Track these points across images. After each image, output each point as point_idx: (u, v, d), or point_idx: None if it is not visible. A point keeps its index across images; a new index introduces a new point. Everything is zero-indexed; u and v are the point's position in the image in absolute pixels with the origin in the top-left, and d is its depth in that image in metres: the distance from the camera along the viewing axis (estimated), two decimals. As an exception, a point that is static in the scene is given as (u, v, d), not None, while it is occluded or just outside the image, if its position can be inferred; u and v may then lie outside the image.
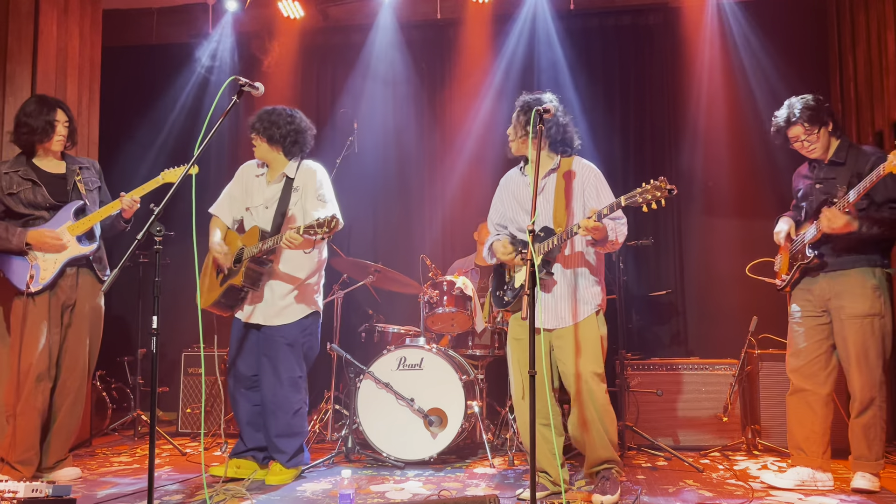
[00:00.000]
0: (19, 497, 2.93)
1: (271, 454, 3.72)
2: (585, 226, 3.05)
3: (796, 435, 3.58)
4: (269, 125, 3.75)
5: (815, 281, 3.55)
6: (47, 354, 3.65)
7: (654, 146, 5.85)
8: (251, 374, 3.77)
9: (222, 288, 3.72)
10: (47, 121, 3.72)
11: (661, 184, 2.90)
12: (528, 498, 2.93)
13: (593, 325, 3.33)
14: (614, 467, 3.31)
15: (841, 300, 3.44)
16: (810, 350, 3.55)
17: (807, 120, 3.48)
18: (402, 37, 6.04)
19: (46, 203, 3.73)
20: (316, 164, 3.90)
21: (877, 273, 3.43)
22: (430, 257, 4.75)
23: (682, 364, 4.62)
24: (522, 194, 3.47)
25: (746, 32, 5.55)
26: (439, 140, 6.18)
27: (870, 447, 3.39)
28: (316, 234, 3.38)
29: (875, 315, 3.40)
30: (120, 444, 4.84)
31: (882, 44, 4.67)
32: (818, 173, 3.58)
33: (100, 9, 5.01)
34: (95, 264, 3.83)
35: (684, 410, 4.54)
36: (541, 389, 3.32)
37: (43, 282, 3.64)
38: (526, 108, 3.38)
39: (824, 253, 3.47)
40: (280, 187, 3.79)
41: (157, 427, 3.00)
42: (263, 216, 3.80)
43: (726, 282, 5.54)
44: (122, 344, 5.75)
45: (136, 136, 6.19)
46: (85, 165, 3.94)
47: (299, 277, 3.77)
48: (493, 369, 5.00)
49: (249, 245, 3.67)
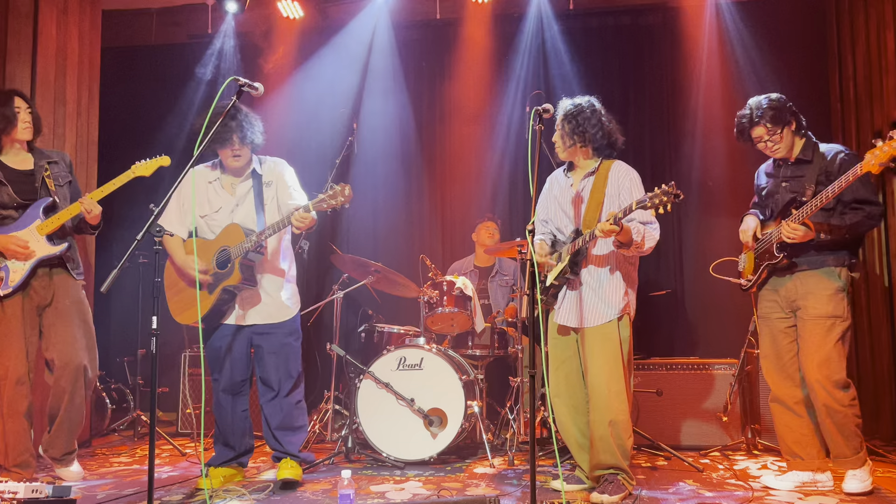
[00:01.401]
0: (19, 497, 2.93)
1: (278, 450, 3.68)
2: (601, 229, 3.13)
3: (787, 440, 3.54)
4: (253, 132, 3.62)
5: (782, 281, 3.51)
6: (24, 357, 3.58)
7: (653, 146, 5.85)
8: (241, 379, 3.69)
9: (214, 295, 3.54)
10: (7, 111, 3.61)
11: (671, 189, 2.95)
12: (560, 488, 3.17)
13: (613, 329, 3.34)
14: (621, 474, 3.30)
15: (805, 301, 3.41)
16: (783, 352, 3.53)
17: (769, 120, 3.45)
18: (401, 36, 6.05)
19: (13, 203, 3.62)
20: (278, 159, 3.84)
21: (842, 274, 3.39)
22: (430, 258, 4.75)
23: (682, 364, 4.62)
24: (563, 196, 3.55)
25: (745, 32, 5.55)
26: (438, 140, 6.18)
27: (847, 443, 3.33)
28: (328, 204, 3.26)
29: (837, 317, 3.35)
30: (120, 445, 4.84)
31: (881, 43, 4.67)
32: (784, 171, 3.55)
33: (99, 9, 5.01)
34: (68, 263, 3.71)
35: (684, 410, 4.54)
36: (577, 385, 3.47)
37: (13, 284, 3.55)
38: (571, 116, 3.43)
39: (792, 253, 3.41)
40: (250, 184, 3.70)
41: (156, 427, 3.00)
42: (235, 216, 3.64)
43: (726, 282, 5.52)
44: (121, 344, 5.75)
45: (135, 136, 6.18)
46: (54, 159, 3.79)
47: (285, 270, 3.74)
48: (493, 369, 5.00)
49: (234, 244, 3.53)
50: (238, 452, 3.72)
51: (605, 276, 3.40)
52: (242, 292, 3.63)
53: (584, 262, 3.43)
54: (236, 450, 3.71)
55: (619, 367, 3.31)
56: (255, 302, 3.66)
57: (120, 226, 5.19)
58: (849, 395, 3.35)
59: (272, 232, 3.47)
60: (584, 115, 3.41)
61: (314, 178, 4.19)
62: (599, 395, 3.29)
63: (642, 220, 3.29)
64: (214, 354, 3.68)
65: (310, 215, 3.36)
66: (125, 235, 5.63)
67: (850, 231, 3.34)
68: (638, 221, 3.28)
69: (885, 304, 4.72)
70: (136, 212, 5.08)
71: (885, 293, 4.73)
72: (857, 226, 3.34)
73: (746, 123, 3.55)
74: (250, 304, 3.66)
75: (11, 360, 3.55)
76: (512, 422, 4.38)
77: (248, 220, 3.64)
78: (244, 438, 3.73)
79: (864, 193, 3.33)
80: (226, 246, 3.57)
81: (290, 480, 3.55)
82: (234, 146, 3.59)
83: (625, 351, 3.35)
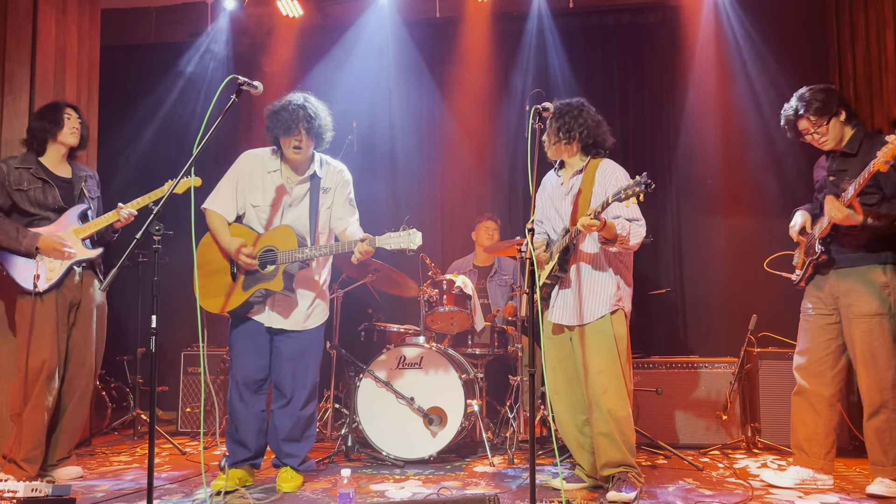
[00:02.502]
0: (19, 497, 2.93)
1: (281, 459, 3.61)
2: (582, 223, 3.13)
3: (798, 434, 3.53)
4: (320, 126, 3.50)
5: (825, 278, 3.47)
6: (57, 353, 3.66)
7: (653, 144, 5.85)
8: (262, 377, 3.59)
9: (249, 292, 3.45)
10: (57, 113, 3.78)
11: (642, 179, 2.93)
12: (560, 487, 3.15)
13: (607, 324, 3.34)
14: (631, 471, 3.29)
15: (849, 298, 3.36)
16: (817, 349, 3.48)
17: (813, 113, 3.38)
18: (401, 35, 6.04)
19: (55, 205, 3.75)
20: (341, 164, 3.72)
21: (887, 271, 3.32)
22: (429, 257, 4.75)
23: (682, 362, 4.62)
24: (555, 194, 3.57)
25: (745, 31, 5.55)
26: (438, 139, 6.18)
27: (885, 452, 3.28)
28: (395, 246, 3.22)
29: (884, 314, 3.29)
30: (119, 444, 4.84)
31: (881, 42, 4.66)
32: (832, 164, 3.48)
33: (98, 8, 5.00)
34: (97, 269, 3.88)
35: (684, 409, 4.54)
36: (575, 384, 3.47)
37: (49, 281, 3.64)
38: (559, 115, 3.45)
39: (833, 249, 3.38)
40: (307, 187, 3.57)
41: (156, 426, 3.00)
42: (287, 216, 3.56)
43: (726, 280, 5.55)
44: (121, 343, 5.74)
45: (134, 135, 6.18)
46: (89, 174, 3.99)
47: (319, 281, 3.67)
48: (493, 368, 5.00)
49: (284, 248, 3.40)
50: (254, 453, 3.60)
51: (595, 273, 3.40)
52: (277, 295, 3.52)
53: (573, 259, 3.43)
54: (251, 449, 3.59)
55: (616, 364, 3.30)
56: (287, 307, 3.56)
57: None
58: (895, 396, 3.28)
59: (328, 253, 3.40)
60: (572, 115, 3.44)
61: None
62: (598, 393, 3.29)
63: (628, 217, 3.29)
64: (237, 348, 3.61)
65: (373, 250, 3.29)
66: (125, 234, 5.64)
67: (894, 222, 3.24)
68: (624, 218, 3.27)
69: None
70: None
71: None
72: None
73: (792, 117, 3.47)
74: (282, 309, 3.56)
75: (45, 356, 3.62)
76: (511, 420, 4.38)
77: (299, 224, 3.53)
78: (259, 438, 3.62)
79: None
80: (273, 247, 3.43)
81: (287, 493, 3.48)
82: (298, 135, 3.44)
83: (621, 347, 3.34)
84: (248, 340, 3.57)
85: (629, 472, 3.28)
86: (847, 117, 3.41)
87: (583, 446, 3.48)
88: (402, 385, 4.15)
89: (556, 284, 3.49)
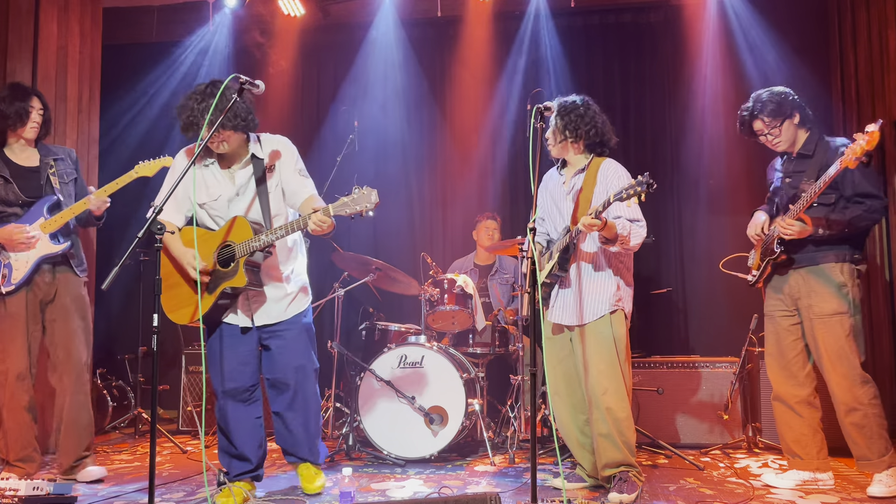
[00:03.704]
0: (20, 495, 2.94)
1: (301, 457, 3.44)
2: (583, 223, 3.12)
3: (787, 439, 3.53)
4: (235, 115, 3.15)
5: (784, 279, 3.48)
6: (26, 353, 3.60)
7: (654, 143, 5.85)
8: (251, 384, 3.35)
9: (213, 295, 3.21)
10: (21, 107, 3.63)
11: (644, 179, 2.92)
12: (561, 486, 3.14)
13: (606, 325, 3.34)
14: (631, 471, 3.29)
15: (809, 299, 3.37)
16: (785, 351, 3.50)
17: (767, 114, 3.41)
18: (402, 34, 6.04)
19: (18, 200, 3.63)
20: (280, 136, 3.44)
21: (845, 269, 3.33)
22: (431, 256, 4.75)
23: (683, 362, 4.62)
24: (556, 193, 3.56)
25: (747, 30, 5.54)
26: (439, 138, 6.18)
27: (869, 447, 3.29)
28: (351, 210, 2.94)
29: (844, 313, 3.30)
30: (121, 443, 4.84)
31: (883, 42, 4.66)
32: (787, 166, 3.51)
33: (100, 6, 5.00)
34: (71, 260, 3.71)
35: (685, 408, 4.54)
36: (575, 384, 3.47)
37: (15, 281, 3.57)
38: (564, 112, 3.43)
39: (791, 248, 3.38)
40: (250, 171, 3.31)
41: (157, 425, 3.00)
42: (235, 207, 3.30)
43: (727, 280, 5.51)
44: (122, 342, 5.76)
45: (136, 134, 6.19)
46: (60, 156, 3.79)
47: (294, 265, 3.45)
48: (494, 367, 5.01)
49: (240, 240, 3.17)
50: (255, 464, 3.38)
51: (595, 273, 3.39)
52: (248, 292, 3.30)
53: (573, 258, 3.42)
54: (253, 462, 3.36)
55: (616, 364, 3.30)
56: (261, 301, 3.33)
57: (120, 224, 5.20)
58: (868, 392, 3.29)
59: (285, 233, 3.11)
60: (577, 112, 3.42)
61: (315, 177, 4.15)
62: (597, 393, 3.29)
63: (630, 218, 3.29)
64: (214, 357, 3.33)
65: (329, 220, 3.02)
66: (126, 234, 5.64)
67: (850, 226, 3.28)
68: (625, 219, 3.27)
69: (886, 301, 4.72)
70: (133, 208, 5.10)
71: (887, 288, 4.73)
72: (857, 220, 3.28)
73: (747, 116, 3.52)
74: (257, 304, 3.33)
75: (13, 357, 3.57)
76: (513, 420, 4.38)
77: (251, 211, 3.29)
78: (260, 448, 3.40)
79: (866, 187, 3.28)
80: (230, 241, 3.21)
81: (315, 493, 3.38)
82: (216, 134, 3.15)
83: (620, 347, 3.34)
84: (228, 346, 3.32)
85: (630, 471, 3.28)
86: (801, 120, 3.45)
87: (583, 446, 3.49)
88: (403, 384, 4.15)
89: (555, 284, 3.48)
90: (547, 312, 3.53)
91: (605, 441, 3.28)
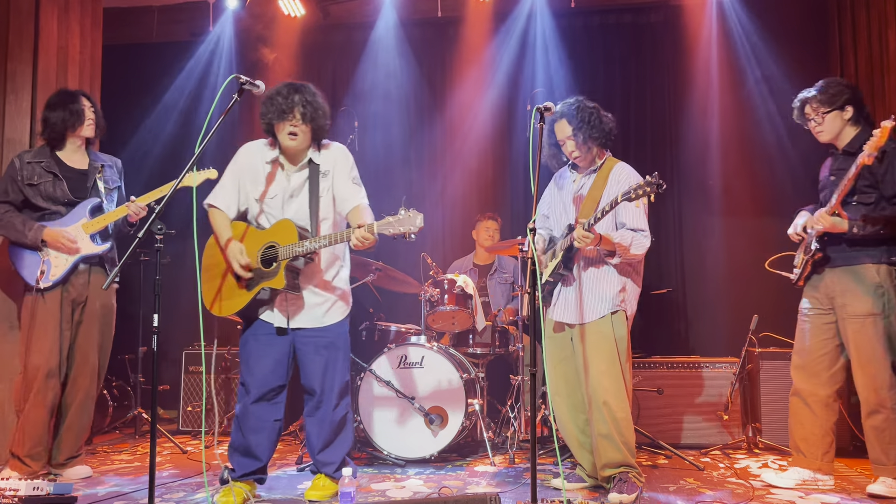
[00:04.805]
0: (20, 495, 2.94)
1: (318, 468, 3.40)
2: (576, 235, 3.14)
3: (795, 435, 3.54)
4: (316, 110, 3.24)
5: (821, 277, 3.46)
6: (58, 351, 3.64)
7: (654, 144, 5.85)
8: (278, 383, 3.31)
9: (252, 292, 3.23)
10: (77, 108, 3.75)
11: (653, 179, 2.93)
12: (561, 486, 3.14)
13: (607, 325, 3.34)
14: (631, 472, 3.29)
15: (844, 298, 3.36)
16: (814, 349, 3.48)
17: (817, 100, 3.39)
18: (402, 35, 6.04)
19: (65, 198, 3.72)
20: (339, 144, 3.50)
21: (881, 270, 3.31)
22: (431, 256, 4.75)
23: (683, 362, 4.62)
24: (566, 192, 3.57)
25: (747, 30, 5.55)
26: (440, 138, 6.18)
27: (885, 452, 3.27)
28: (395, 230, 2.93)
29: (877, 315, 3.29)
30: (121, 442, 4.84)
31: (883, 42, 4.66)
32: (834, 164, 3.48)
33: (100, 6, 5.00)
34: (107, 264, 3.81)
35: (685, 409, 4.54)
36: (576, 384, 3.46)
37: (53, 278, 3.63)
38: (576, 112, 3.40)
39: (829, 247, 3.38)
40: (306, 175, 3.34)
41: (157, 425, 3.00)
42: (288, 208, 3.33)
43: (727, 280, 5.55)
44: (122, 342, 5.74)
45: (137, 135, 6.18)
46: (108, 163, 3.92)
47: (336, 273, 3.44)
48: (494, 367, 5.00)
49: (285, 243, 3.17)
50: (264, 465, 3.35)
51: (598, 272, 3.39)
52: (287, 294, 3.30)
53: (577, 257, 3.42)
54: (263, 461, 3.33)
55: (616, 364, 3.30)
56: (299, 305, 3.32)
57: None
58: (894, 396, 3.27)
59: (327, 244, 3.14)
60: (588, 111, 3.39)
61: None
62: (597, 394, 3.29)
63: (633, 227, 3.28)
64: (247, 355, 3.33)
65: (372, 237, 3.01)
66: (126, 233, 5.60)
67: (887, 226, 3.24)
68: (628, 228, 3.27)
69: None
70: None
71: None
72: (894, 220, 3.24)
73: (802, 99, 3.47)
74: (295, 307, 3.31)
75: (45, 354, 3.61)
76: (513, 420, 4.38)
77: (300, 215, 3.30)
78: (272, 449, 3.37)
79: None
80: (275, 242, 3.21)
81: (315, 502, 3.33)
82: (293, 120, 3.21)
83: (621, 347, 3.34)
84: (260, 343, 3.32)
85: (629, 472, 3.28)
86: (854, 116, 3.39)
87: (584, 446, 3.49)
88: (403, 384, 4.15)
89: (558, 282, 3.48)
90: (548, 310, 3.53)
91: (605, 441, 3.28)
